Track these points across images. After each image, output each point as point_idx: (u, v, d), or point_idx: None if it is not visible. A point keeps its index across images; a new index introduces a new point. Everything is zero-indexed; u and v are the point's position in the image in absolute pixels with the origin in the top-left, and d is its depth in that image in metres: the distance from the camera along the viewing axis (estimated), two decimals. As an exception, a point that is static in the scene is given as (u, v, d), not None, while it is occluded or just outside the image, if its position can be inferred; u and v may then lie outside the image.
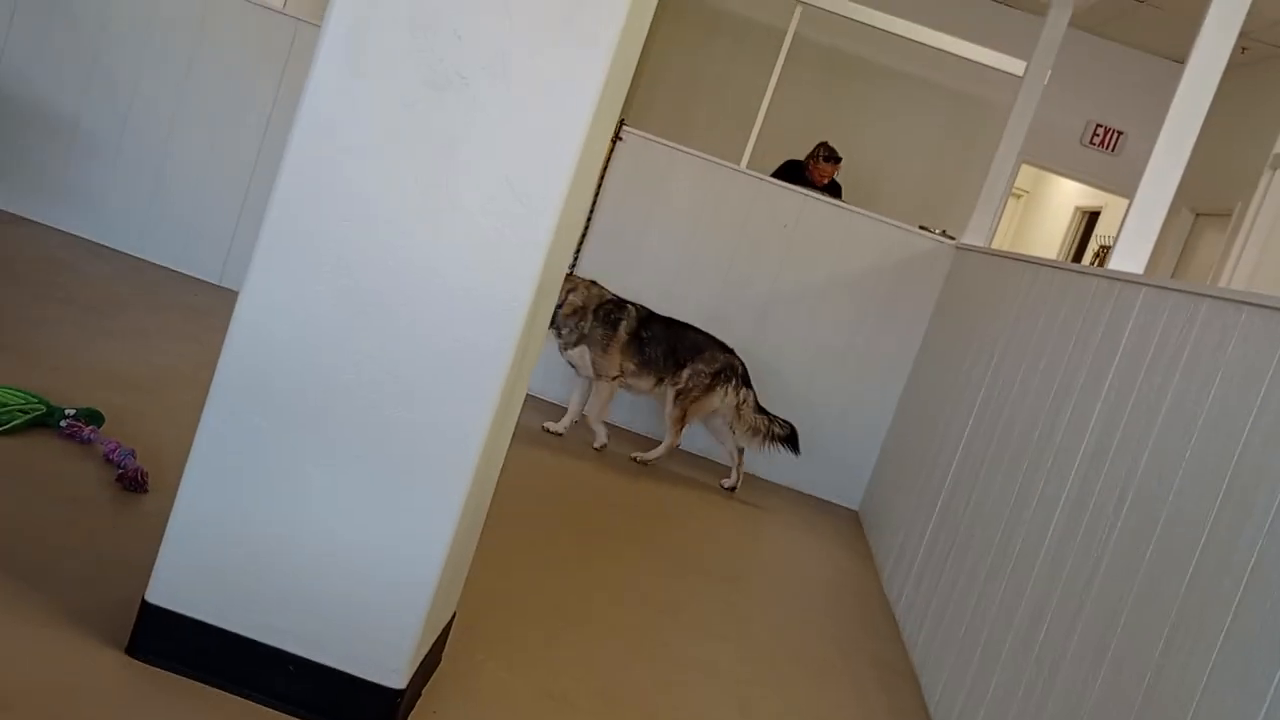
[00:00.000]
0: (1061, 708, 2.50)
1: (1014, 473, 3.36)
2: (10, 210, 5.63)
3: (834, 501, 5.59)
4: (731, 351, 5.24)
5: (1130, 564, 2.41)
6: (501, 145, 2.18)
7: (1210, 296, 2.45)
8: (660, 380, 5.18)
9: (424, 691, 2.48)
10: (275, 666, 2.29)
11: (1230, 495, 2.11)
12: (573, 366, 5.25)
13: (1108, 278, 3.10)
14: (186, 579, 2.29)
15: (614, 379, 5.18)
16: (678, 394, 5.16)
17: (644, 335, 5.14)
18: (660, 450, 5.22)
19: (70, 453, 3.16)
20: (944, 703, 3.27)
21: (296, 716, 2.28)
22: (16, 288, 4.52)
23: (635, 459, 5.19)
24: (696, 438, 5.55)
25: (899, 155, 8.66)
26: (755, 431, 5.17)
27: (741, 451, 5.27)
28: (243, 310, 2.24)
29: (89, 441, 3.24)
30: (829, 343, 5.56)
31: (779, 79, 7.85)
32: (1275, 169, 7.03)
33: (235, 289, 5.59)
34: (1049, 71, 5.66)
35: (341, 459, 2.25)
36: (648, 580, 3.73)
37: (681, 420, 5.18)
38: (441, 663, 2.62)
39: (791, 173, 6.63)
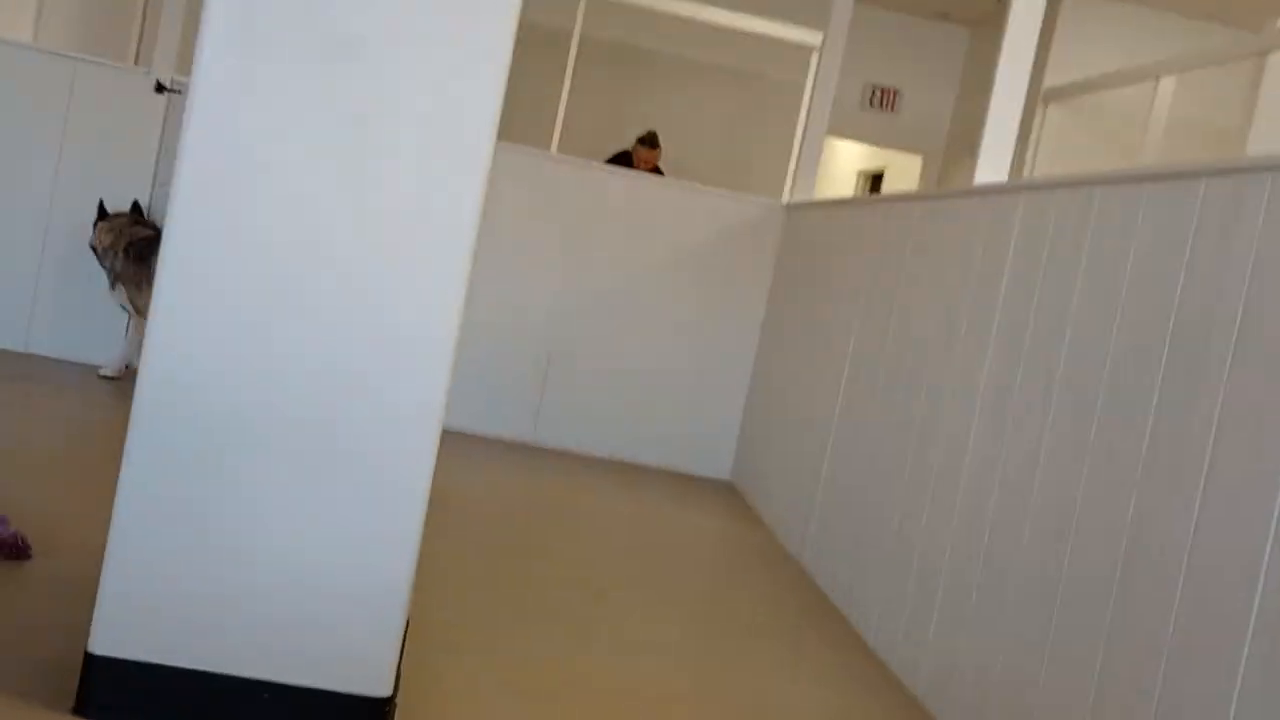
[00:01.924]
0: (1019, 613, 2.56)
1: (910, 401, 3.44)
2: None
3: (704, 475, 5.62)
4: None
5: (1073, 451, 2.49)
6: (413, 112, 2.07)
7: (1104, 183, 2.56)
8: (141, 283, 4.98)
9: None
10: (248, 698, 2.11)
11: (1172, 369, 2.21)
12: (124, 310, 5.06)
13: (980, 193, 3.22)
14: (133, 621, 2.09)
15: None
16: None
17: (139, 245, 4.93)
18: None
19: (-69, 531, 2.85)
20: (883, 635, 3.31)
21: (278, 748, 2.11)
22: None
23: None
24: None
25: (698, 138, 8.79)
26: None
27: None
28: (156, 323, 2.06)
29: (-52, 517, 2.93)
30: (674, 320, 5.58)
31: (572, 81, 7.86)
32: (1047, 103, 7.48)
33: (44, 354, 5.27)
34: (845, 35, 5.84)
35: (288, 467, 2.10)
36: (565, 572, 3.65)
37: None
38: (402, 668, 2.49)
39: (619, 164, 6.65)
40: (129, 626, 2.08)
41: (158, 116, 5.23)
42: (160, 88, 5.20)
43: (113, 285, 4.96)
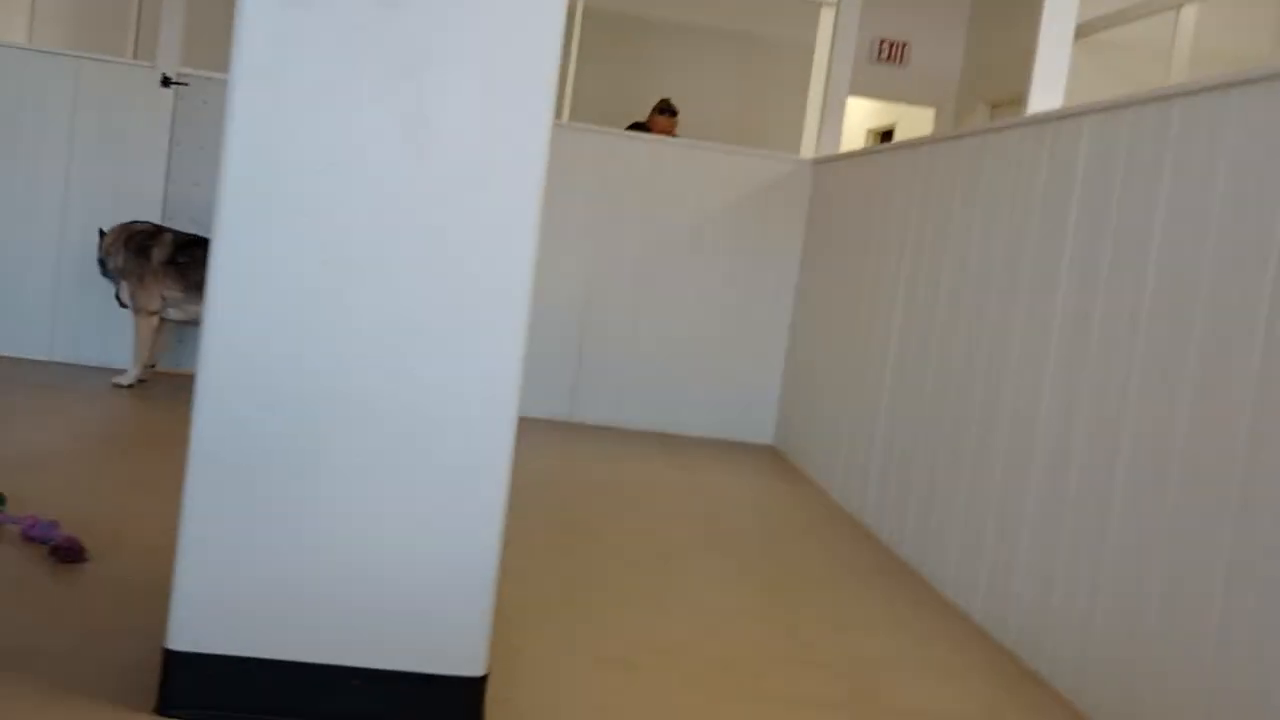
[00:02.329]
0: (1119, 558, 2.46)
1: (974, 346, 3.33)
2: None
3: (746, 440, 5.51)
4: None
5: (1167, 382, 2.39)
6: (472, 58, 1.96)
7: (1184, 95, 2.45)
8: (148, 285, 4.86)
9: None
10: (336, 686, 2.01)
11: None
12: (125, 307, 4.91)
13: (1038, 121, 3.10)
14: (211, 615, 1.99)
15: (153, 313, 4.84)
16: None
17: (181, 260, 4.81)
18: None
19: (-19, 540, 2.76)
20: (963, 587, 3.21)
21: (371, 736, 2.02)
22: None
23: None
24: (600, 407, 5.38)
25: (708, 104, 8.65)
26: None
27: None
28: (215, 302, 1.95)
29: (-2, 525, 2.84)
30: (705, 286, 5.47)
31: (578, 52, 7.73)
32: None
33: (69, 361, 5.16)
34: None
35: (363, 445, 1.99)
36: (626, 542, 3.54)
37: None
38: (487, 652, 2.39)
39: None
40: (207, 620, 1.98)
41: (166, 110, 5.11)
42: (166, 81, 5.08)
43: (117, 284, 4.85)
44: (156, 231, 4.81)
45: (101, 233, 4.85)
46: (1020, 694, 2.65)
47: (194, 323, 4.89)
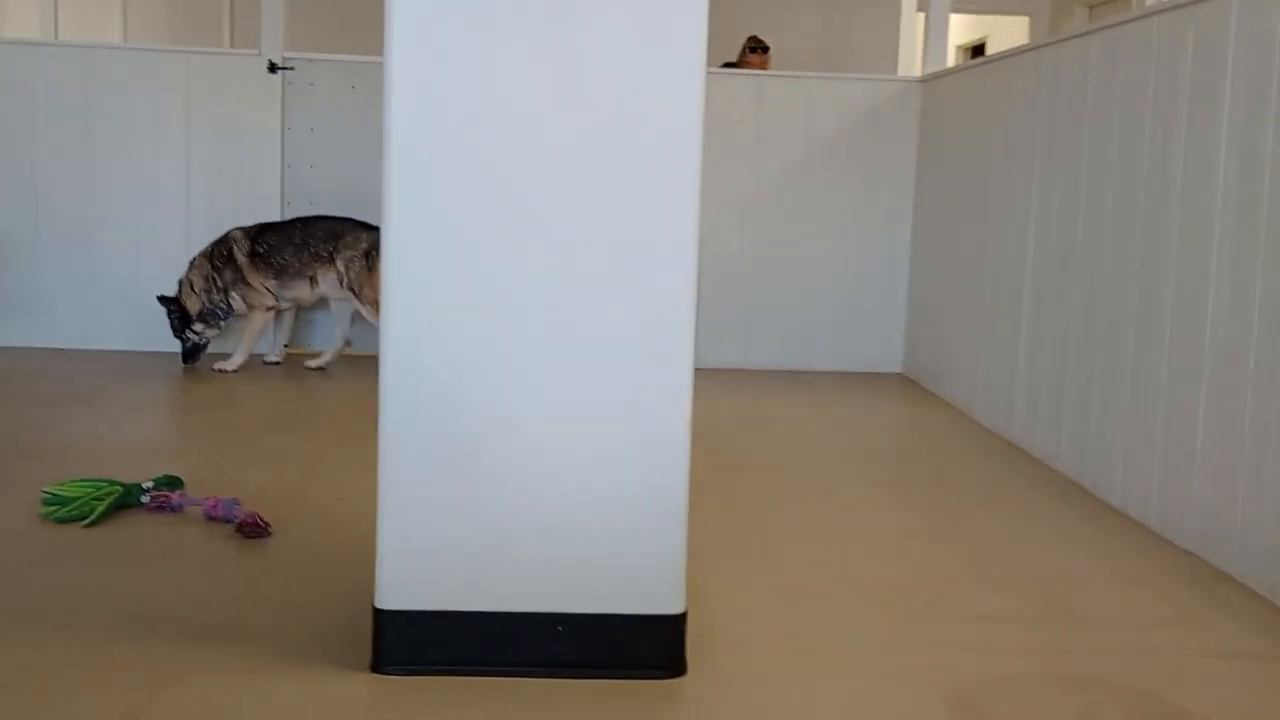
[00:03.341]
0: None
1: (1123, 251, 3.24)
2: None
3: (874, 371, 5.46)
4: (375, 228, 4.91)
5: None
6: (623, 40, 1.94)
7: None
8: (313, 280, 4.88)
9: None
10: (541, 633, 2.04)
11: None
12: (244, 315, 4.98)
13: (1176, 5, 2.99)
14: (416, 573, 2.03)
15: (270, 308, 4.92)
16: (353, 292, 4.85)
17: (260, 249, 4.85)
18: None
19: (167, 523, 2.85)
20: (1132, 494, 3.15)
21: (579, 678, 2.04)
22: (2, 404, 4.14)
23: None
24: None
25: (794, 31, 8.51)
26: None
27: (349, 342, 5.09)
28: (391, 269, 1.97)
29: (180, 508, 2.93)
30: (821, 217, 5.41)
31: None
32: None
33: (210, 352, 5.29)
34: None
35: (545, 395, 2.01)
36: (780, 478, 3.54)
37: (376, 307, 4.95)
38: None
39: None
40: (413, 579, 2.03)
41: (275, 96, 5.19)
42: (273, 67, 5.15)
43: (228, 303, 4.91)
44: (221, 239, 4.89)
45: (168, 298, 4.90)
46: (1213, 594, 2.59)
47: (296, 305, 5.02)
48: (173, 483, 3.01)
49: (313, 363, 4.97)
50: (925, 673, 2.14)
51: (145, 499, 2.94)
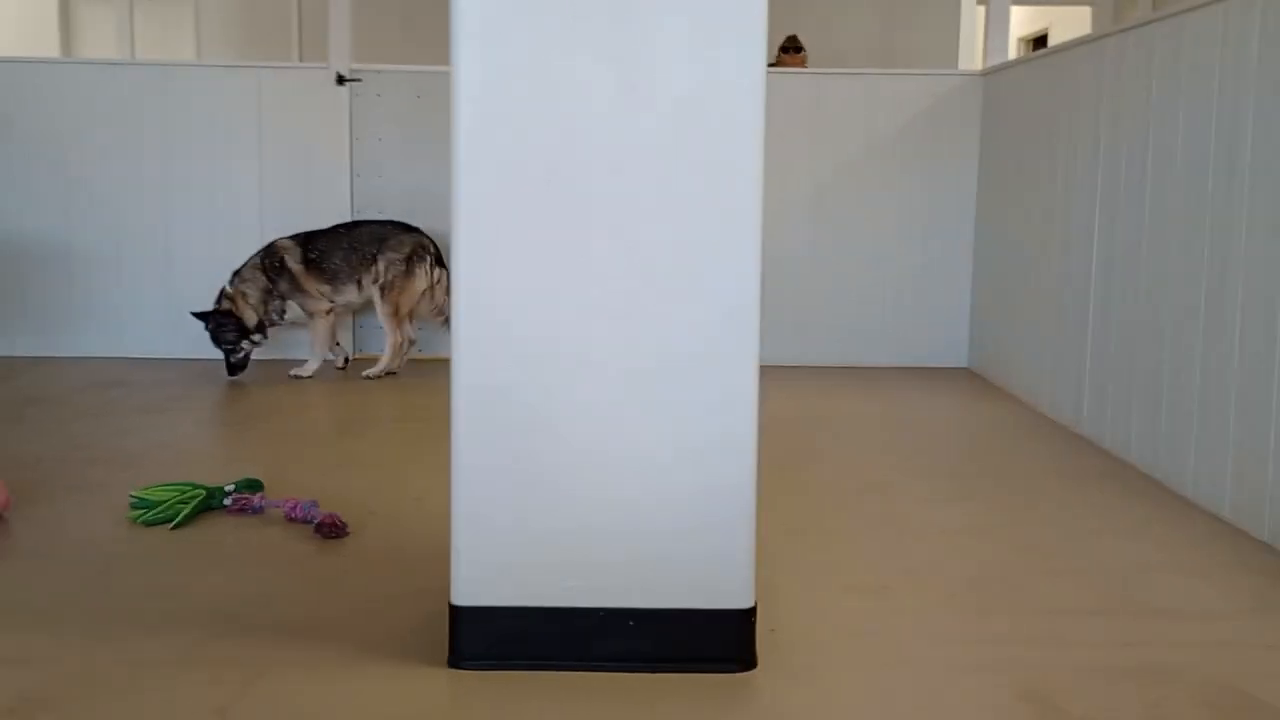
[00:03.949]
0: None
1: (1192, 238, 3.21)
2: (25, 355, 5.35)
3: (939, 365, 5.44)
4: (419, 231, 5.02)
5: None
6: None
7: None
8: (360, 283, 4.95)
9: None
10: (612, 628, 2.09)
11: None
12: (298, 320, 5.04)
13: (1242, -5, 2.96)
14: (491, 570, 2.08)
15: (328, 311, 4.99)
16: (382, 290, 4.94)
17: (312, 256, 4.91)
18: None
19: (249, 525, 2.94)
20: (1204, 485, 3.12)
21: (650, 672, 2.08)
22: (85, 413, 4.27)
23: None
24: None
25: (848, 28, 8.49)
26: (440, 312, 5.05)
27: (413, 343, 5.11)
28: (462, 268, 2.03)
29: (260, 510, 3.02)
30: (883, 213, 5.40)
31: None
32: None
33: (292, 356, 5.40)
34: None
35: (614, 392, 2.05)
36: (844, 473, 3.55)
37: (395, 315, 4.96)
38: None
39: None
40: (488, 576, 2.08)
41: (343, 108, 5.30)
42: (341, 79, 5.26)
43: (282, 312, 4.98)
44: (268, 248, 4.95)
45: (214, 313, 4.92)
46: (1289, 585, 2.57)
47: (352, 307, 5.10)
48: (253, 485, 3.10)
49: (301, 371, 5.04)
50: (995, 666, 2.15)
51: (228, 501, 3.03)
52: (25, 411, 4.28)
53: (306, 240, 4.98)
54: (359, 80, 5.29)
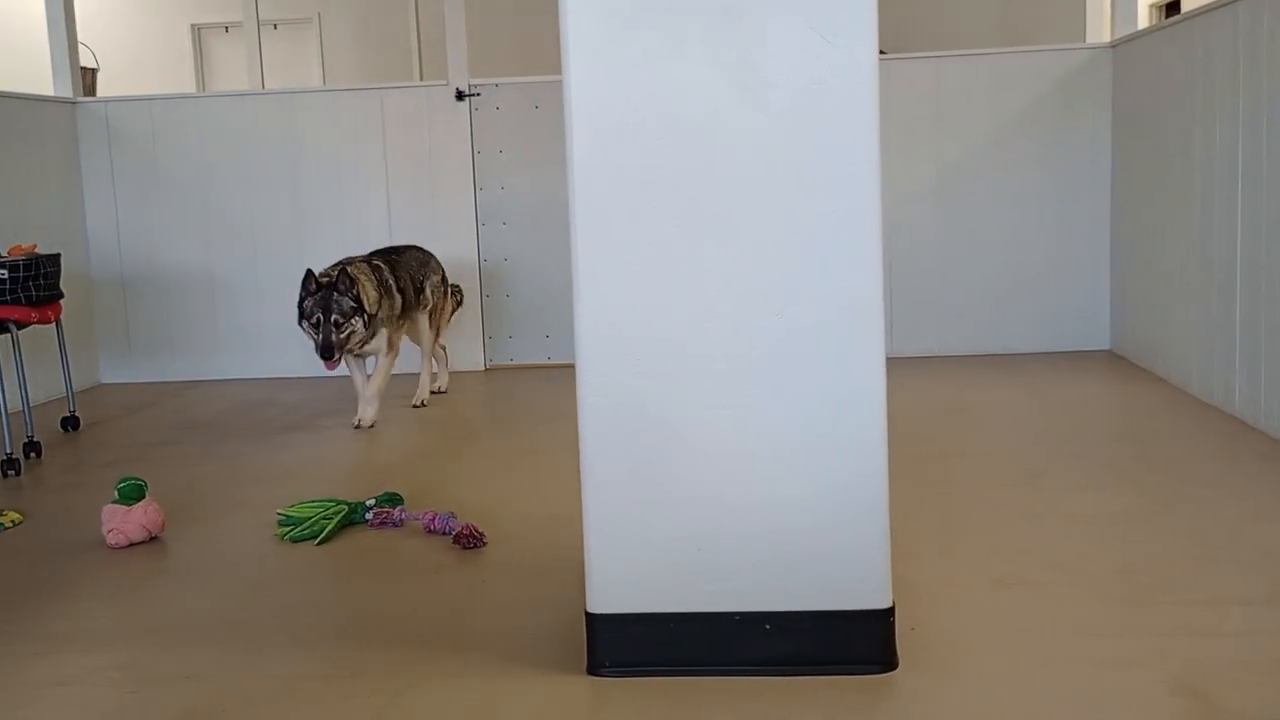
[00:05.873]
0: None
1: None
2: (176, 379, 5.58)
3: (1081, 349, 5.27)
4: (424, 250, 4.91)
5: None
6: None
7: None
8: (408, 311, 4.62)
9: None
10: (749, 632, 2.07)
11: None
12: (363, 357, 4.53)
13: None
14: (625, 577, 2.09)
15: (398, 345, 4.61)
16: (430, 315, 4.78)
17: (389, 281, 4.50)
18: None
19: (390, 538, 3.01)
20: (1371, 459, 2.96)
21: (789, 675, 2.06)
22: (235, 435, 4.44)
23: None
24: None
25: (969, 10, 8.30)
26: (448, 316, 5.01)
27: (444, 348, 5.03)
28: (582, 277, 2.04)
29: (401, 523, 3.09)
30: (1013, 194, 5.26)
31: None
32: None
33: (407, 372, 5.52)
34: None
35: (739, 394, 2.04)
36: (988, 464, 3.46)
37: (437, 337, 4.91)
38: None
39: None
40: (621, 582, 2.09)
41: (464, 123, 5.39)
42: (461, 95, 5.35)
43: (370, 339, 4.37)
44: (343, 270, 4.29)
45: (325, 276, 4.28)
46: None
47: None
48: (393, 499, 3.18)
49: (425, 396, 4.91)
50: (1149, 659, 2.08)
51: (369, 516, 3.10)
52: (179, 435, 4.46)
53: (377, 265, 4.53)
54: (478, 94, 5.38)
